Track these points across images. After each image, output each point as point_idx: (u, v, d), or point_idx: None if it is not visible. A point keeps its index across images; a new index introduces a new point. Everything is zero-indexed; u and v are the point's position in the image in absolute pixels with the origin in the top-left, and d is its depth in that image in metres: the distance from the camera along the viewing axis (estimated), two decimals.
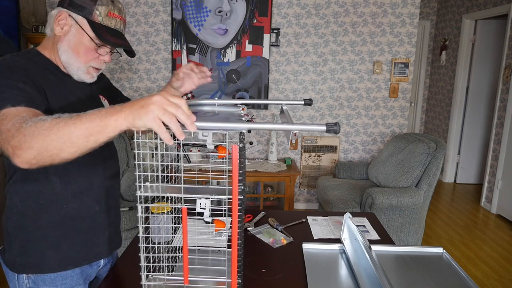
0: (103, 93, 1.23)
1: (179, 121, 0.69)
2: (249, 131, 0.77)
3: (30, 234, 1.05)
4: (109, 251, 1.21)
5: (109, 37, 1.00)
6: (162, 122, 0.68)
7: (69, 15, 0.99)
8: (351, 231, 1.23)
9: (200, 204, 0.83)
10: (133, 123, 0.69)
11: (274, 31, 3.71)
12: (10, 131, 0.76)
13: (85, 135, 0.72)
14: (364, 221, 1.62)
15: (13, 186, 1.05)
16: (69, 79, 1.06)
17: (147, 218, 1.12)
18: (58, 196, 1.05)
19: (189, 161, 1.38)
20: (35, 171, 0.95)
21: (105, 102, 1.23)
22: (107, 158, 1.17)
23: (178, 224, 1.37)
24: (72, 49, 1.01)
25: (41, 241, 1.06)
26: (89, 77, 1.08)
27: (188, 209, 0.88)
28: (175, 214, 1.28)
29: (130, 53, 1.10)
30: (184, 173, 1.40)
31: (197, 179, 1.45)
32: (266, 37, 3.70)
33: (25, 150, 0.73)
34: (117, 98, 1.30)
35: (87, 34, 1.00)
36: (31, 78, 0.94)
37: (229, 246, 1.25)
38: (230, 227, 0.91)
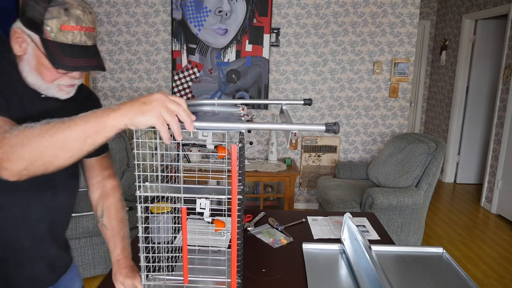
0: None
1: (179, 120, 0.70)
2: (249, 131, 0.77)
3: None
4: (49, 282, 1.05)
5: (64, 58, 0.82)
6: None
7: (24, 32, 0.84)
8: (351, 231, 1.23)
9: (200, 204, 0.83)
10: (133, 120, 0.67)
11: (274, 31, 3.71)
12: None
13: (82, 138, 0.67)
14: (364, 221, 1.62)
15: None
16: (37, 95, 0.92)
17: (146, 218, 1.12)
18: None
19: (189, 161, 1.38)
20: None
21: None
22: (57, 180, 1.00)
23: (179, 224, 1.37)
24: (34, 69, 0.87)
25: None
26: (64, 93, 0.92)
27: (188, 209, 0.88)
28: (175, 214, 1.27)
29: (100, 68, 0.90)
30: (184, 173, 1.40)
31: (197, 179, 1.45)
32: (266, 37, 3.70)
33: (13, 162, 0.67)
34: None
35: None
36: (1, 87, 0.85)
37: (229, 246, 1.25)
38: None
